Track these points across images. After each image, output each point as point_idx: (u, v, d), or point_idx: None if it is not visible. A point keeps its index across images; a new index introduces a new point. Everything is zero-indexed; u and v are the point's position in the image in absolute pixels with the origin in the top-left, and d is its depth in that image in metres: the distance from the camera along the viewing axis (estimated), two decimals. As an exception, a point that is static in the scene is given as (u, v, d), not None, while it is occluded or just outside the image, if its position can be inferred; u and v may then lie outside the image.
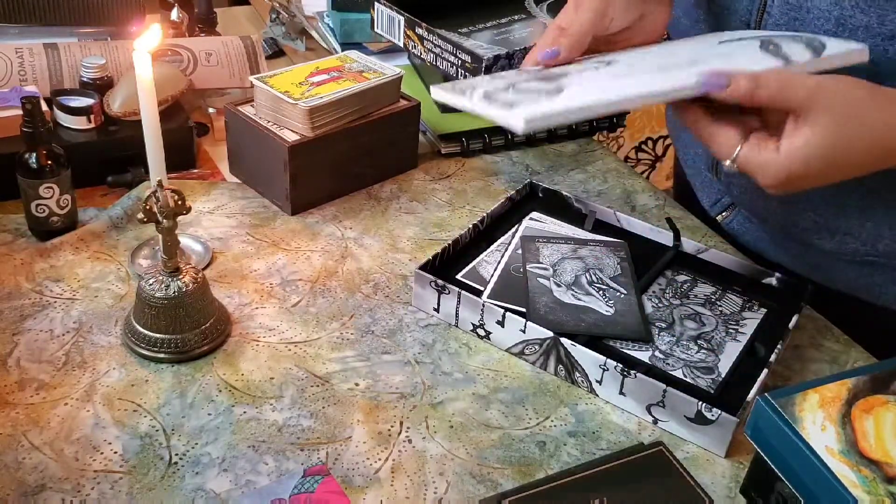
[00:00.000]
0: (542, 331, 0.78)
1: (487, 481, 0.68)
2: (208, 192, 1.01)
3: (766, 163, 0.66)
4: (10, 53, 1.04)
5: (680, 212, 1.05)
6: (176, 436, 0.70)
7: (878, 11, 0.73)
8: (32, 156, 0.87)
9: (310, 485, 0.66)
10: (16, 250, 0.89)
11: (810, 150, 0.64)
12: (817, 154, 0.64)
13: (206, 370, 0.77)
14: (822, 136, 0.64)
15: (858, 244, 0.85)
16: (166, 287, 0.76)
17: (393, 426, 0.73)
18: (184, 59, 1.12)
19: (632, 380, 0.74)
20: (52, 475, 0.66)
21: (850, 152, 0.65)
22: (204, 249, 0.91)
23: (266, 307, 0.85)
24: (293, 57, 1.37)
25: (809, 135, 0.64)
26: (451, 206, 1.03)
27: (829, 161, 0.65)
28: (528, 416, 0.75)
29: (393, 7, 1.12)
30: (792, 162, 0.65)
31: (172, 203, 0.74)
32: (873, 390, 0.65)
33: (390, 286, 0.89)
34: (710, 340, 0.81)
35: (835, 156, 0.64)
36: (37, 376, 0.74)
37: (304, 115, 0.94)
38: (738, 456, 0.72)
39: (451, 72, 1.05)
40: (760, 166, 0.66)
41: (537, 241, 0.91)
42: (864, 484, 0.58)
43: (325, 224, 0.98)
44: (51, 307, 0.82)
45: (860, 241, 0.85)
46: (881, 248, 0.84)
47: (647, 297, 0.86)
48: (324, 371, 0.78)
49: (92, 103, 0.99)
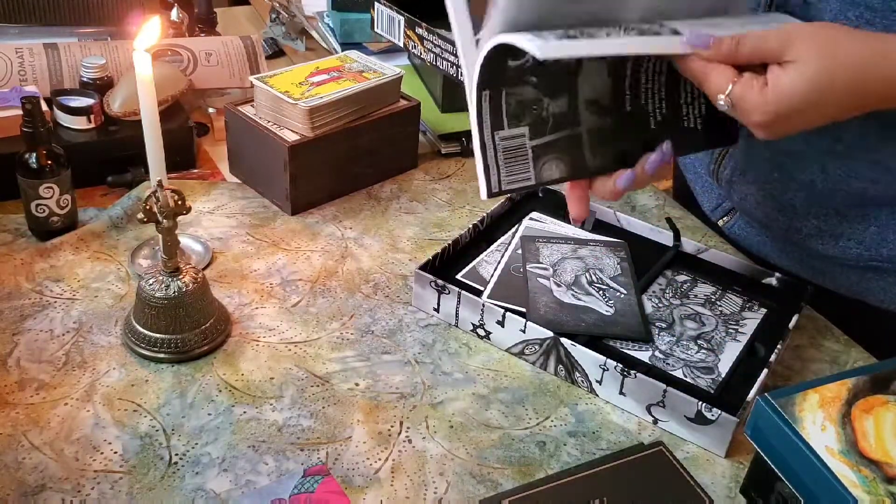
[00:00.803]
0: (542, 331, 0.78)
1: (487, 481, 0.68)
2: (208, 192, 1.01)
3: (758, 99, 0.67)
4: (10, 53, 1.04)
5: (680, 212, 1.05)
6: (176, 436, 0.70)
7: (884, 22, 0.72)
8: (32, 156, 0.87)
9: (310, 485, 0.66)
10: (16, 250, 0.89)
11: (795, 85, 0.65)
12: (802, 89, 0.65)
13: (206, 370, 0.77)
14: (803, 72, 0.65)
15: (861, 249, 0.85)
16: (166, 287, 0.76)
17: (393, 426, 0.73)
18: (184, 59, 1.12)
19: (632, 380, 0.74)
20: (52, 475, 0.66)
21: (833, 86, 0.66)
22: (204, 249, 0.91)
23: (266, 307, 0.85)
24: (293, 57, 1.37)
25: (793, 72, 0.65)
26: (451, 206, 1.03)
27: (813, 97, 0.66)
28: (528, 416, 0.75)
29: (393, 7, 1.12)
30: (779, 99, 0.66)
31: (172, 203, 0.74)
32: (873, 390, 0.65)
33: (390, 286, 0.89)
34: (710, 340, 0.81)
35: (820, 89, 0.65)
36: (37, 376, 0.74)
37: (304, 115, 0.94)
38: (738, 456, 0.72)
39: (451, 72, 1.05)
40: (753, 103, 0.67)
41: (537, 241, 0.91)
42: (864, 484, 0.58)
43: (325, 224, 0.98)
44: (51, 307, 0.82)
45: (863, 246, 0.85)
46: (885, 253, 0.84)
47: (647, 297, 0.86)
48: (324, 371, 0.78)
49: (92, 103, 0.99)
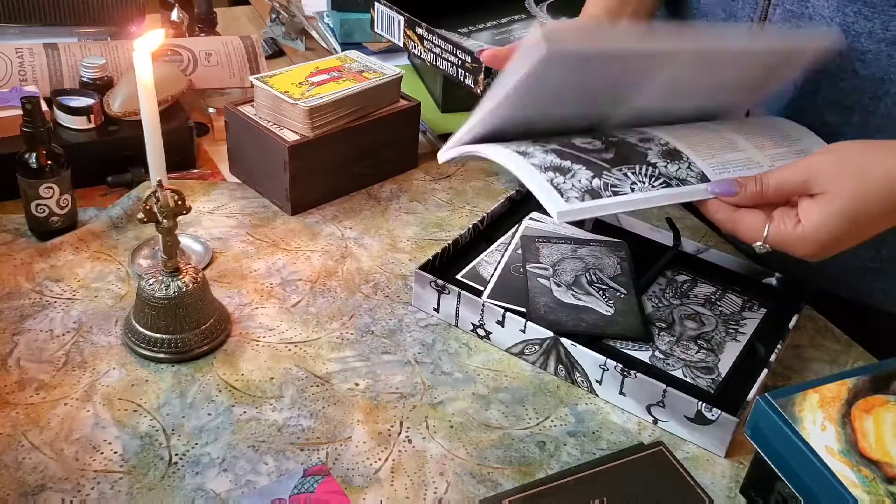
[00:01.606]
0: (542, 331, 0.78)
1: (487, 481, 0.68)
2: (208, 192, 1.01)
3: (796, 237, 0.67)
4: (10, 53, 1.04)
5: (680, 212, 1.05)
6: (176, 436, 0.70)
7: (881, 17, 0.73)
8: (32, 156, 0.87)
9: (310, 485, 0.66)
10: (16, 250, 0.89)
11: (830, 217, 0.65)
12: (836, 221, 0.65)
13: (206, 370, 0.77)
14: (832, 202, 0.65)
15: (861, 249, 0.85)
16: (166, 287, 0.76)
17: (393, 426, 0.73)
18: (184, 59, 1.12)
19: (632, 380, 0.74)
20: (52, 475, 0.66)
21: (870, 205, 0.65)
22: (204, 249, 0.91)
23: (266, 307, 0.85)
24: (293, 57, 1.37)
25: (824, 204, 0.65)
26: (451, 206, 1.03)
27: (853, 218, 0.65)
28: (528, 416, 0.75)
29: (393, 7, 1.12)
30: (817, 232, 0.66)
31: (172, 203, 0.74)
32: (873, 390, 0.65)
33: (390, 286, 0.89)
34: (710, 340, 0.81)
35: (856, 210, 0.65)
36: (37, 376, 0.74)
37: (303, 115, 0.94)
38: (738, 456, 0.72)
39: (451, 72, 1.05)
40: (793, 241, 0.67)
41: (537, 241, 0.91)
42: (864, 484, 0.58)
43: (325, 224, 0.98)
44: (51, 307, 0.82)
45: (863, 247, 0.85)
46: (884, 254, 0.84)
47: (647, 297, 0.86)
48: (324, 371, 0.78)
49: (92, 103, 0.99)
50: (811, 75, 0.80)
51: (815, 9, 0.77)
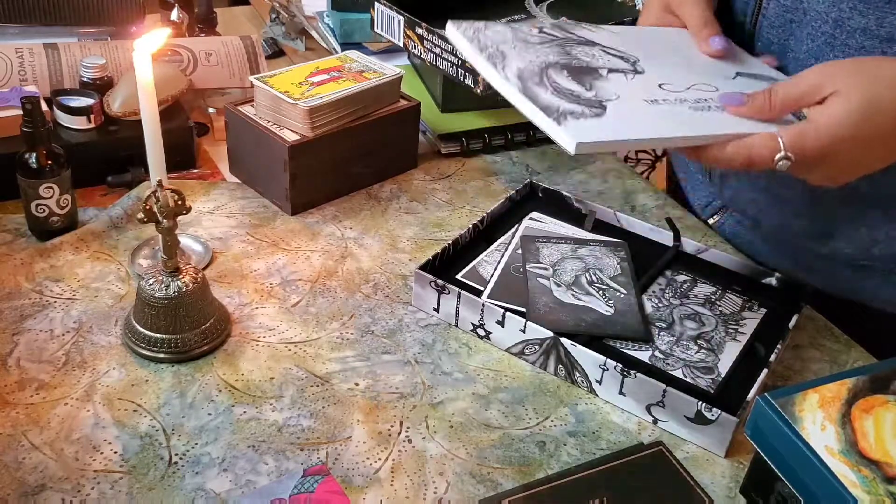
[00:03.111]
0: (542, 331, 0.78)
1: (487, 481, 0.68)
2: (208, 192, 1.01)
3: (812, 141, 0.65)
4: (10, 53, 1.04)
5: (680, 212, 1.05)
6: (176, 436, 0.70)
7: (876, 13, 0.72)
8: (32, 156, 0.87)
9: (310, 485, 0.66)
10: (16, 250, 0.89)
11: (847, 113, 0.64)
12: (856, 115, 0.64)
13: (206, 370, 0.77)
14: (849, 98, 0.64)
15: (852, 249, 0.85)
16: (166, 287, 0.76)
17: (393, 426, 0.73)
18: (184, 59, 1.12)
19: (632, 380, 0.74)
20: (52, 475, 0.66)
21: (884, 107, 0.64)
22: (204, 249, 0.91)
23: (266, 307, 0.85)
24: (293, 57, 1.37)
25: (837, 102, 0.64)
26: (451, 206, 1.03)
27: (869, 116, 0.64)
28: (528, 416, 0.75)
29: (393, 7, 1.12)
30: (831, 130, 0.64)
31: (172, 203, 0.74)
32: (873, 390, 0.65)
33: (390, 286, 0.89)
34: (709, 340, 0.81)
35: (870, 112, 0.64)
36: (37, 376, 0.74)
37: (304, 115, 0.94)
38: (738, 456, 0.72)
39: (451, 72, 1.05)
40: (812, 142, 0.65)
41: (537, 241, 0.91)
42: (864, 484, 0.58)
43: (325, 224, 0.98)
44: (51, 307, 0.82)
45: (854, 246, 0.85)
46: (875, 253, 0.84)
47: (646, 297, 0.86)
48: (324, 371, 0.78)
49: (92, 103, 0.99)
50: None
51: (809, 4, 0.77)
